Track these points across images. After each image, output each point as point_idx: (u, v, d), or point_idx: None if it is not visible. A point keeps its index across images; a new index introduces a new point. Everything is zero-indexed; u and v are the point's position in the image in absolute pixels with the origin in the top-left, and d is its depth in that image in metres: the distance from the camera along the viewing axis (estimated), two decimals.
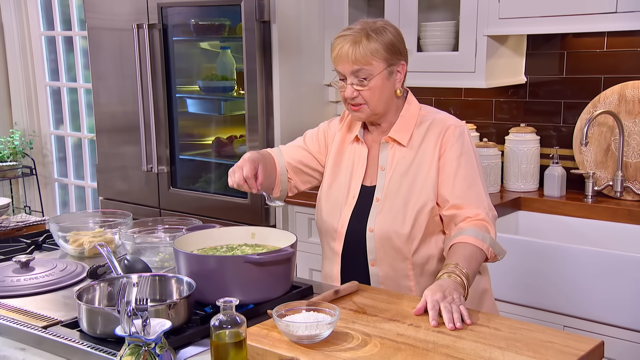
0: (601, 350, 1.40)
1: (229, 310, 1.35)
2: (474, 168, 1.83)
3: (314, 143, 2.02)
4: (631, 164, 2.74)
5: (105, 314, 1.47)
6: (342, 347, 1.40)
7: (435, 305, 1.55)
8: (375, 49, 1.78)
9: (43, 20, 4.63)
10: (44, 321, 1.60)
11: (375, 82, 1.80)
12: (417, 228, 1.81)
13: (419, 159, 1.84)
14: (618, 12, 2.47)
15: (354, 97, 1.82)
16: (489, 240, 1.75)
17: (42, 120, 4.77)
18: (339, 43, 1.81)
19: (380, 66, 1.79)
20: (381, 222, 1.83)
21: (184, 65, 3.55)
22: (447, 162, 1.82)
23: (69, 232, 2.14)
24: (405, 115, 1.88)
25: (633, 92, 2.73)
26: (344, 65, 1.80)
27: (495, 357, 1.35)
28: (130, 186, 3.70)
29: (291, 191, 2.04)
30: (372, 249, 1.84)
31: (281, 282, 1.69)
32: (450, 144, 1.82)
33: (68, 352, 1.48)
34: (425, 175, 1.82)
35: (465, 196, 1.80)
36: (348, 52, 1.78)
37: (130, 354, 1.28)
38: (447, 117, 1.89)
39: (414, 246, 1.82)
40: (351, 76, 1.80)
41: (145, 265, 1.83)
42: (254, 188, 1.78)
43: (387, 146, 1.89)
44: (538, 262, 2.48)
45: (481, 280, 1.90)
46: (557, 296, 2.47)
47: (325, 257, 1.98)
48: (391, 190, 1.84)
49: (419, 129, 1.86)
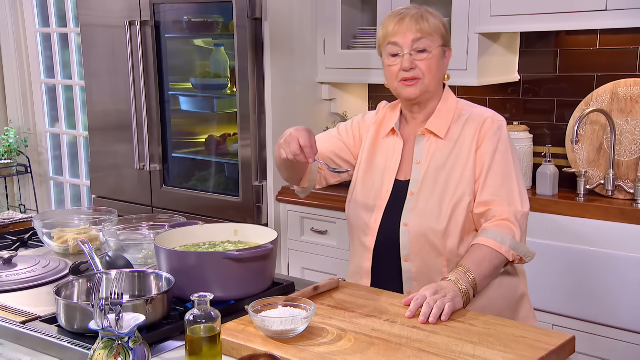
0: (572, 345, 1.41)
1: (203, 305, 1.36)
2: (509, 164, 1.78)
3: (349, 135, 1.98)
4: (623, 163, 2.73)
5: (82, 309, 1.48)
6: (316, 342, 1.40)
7: (420, 299, 1.54)
8: (437, 25, 1.79)
9: (38, 16, 4.63)
10: (23, 316, 1.60)
11: (434, 54, 1.78)
12: (454, 224, 1.77)
13: (456, 151, 1.80)
14: (608, 9, 2.46)
15: (412, 67, 1.78)
16: (509, 242, 1.70)
17: (37, 117, 4.77)
18: (397, 16, 1.80)
19: (438, 41, 1.79)
20: (415, 217, 1.79)
21: (177, 63, 3.54)
22: (481, 157, 1.79)
23: (54, 229, 2.13)
24: (443, 107, 1.85)
25: (625, 90, 2.72)
26: (404, 35, 1.77)
27: (466, 352, 1.36)
28: (123, 184, 3.69)
29: (319, 183, 1.99)
30: (406, 244, 1.79)
31: (261, 278, 1.68)
32: (487, 138, 1.79)
33: (45, 346, 1.48)
34: (462, 169, 1.79)
35: (496, 193, 1.75)
36: (411, 22, 1.77)
37: (104, 347, 1.28)
38: (485, 111, 1.86)
39: (449, 242, 1.77)
40: (409, 48, 1.77)
41: (126, 262, 1.82)
42: (310, 157, 1.73)
43: (422, 138, 1.85)
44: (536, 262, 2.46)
45: (519, 285, 1.85)
46: (557, 296, 2.46)
47: (355, 252, 1.92)
48: (426, 184, 1.80)
49: (456, 121, 1.84)
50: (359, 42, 3.22)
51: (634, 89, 2.70)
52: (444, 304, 1.53)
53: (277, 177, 3.20)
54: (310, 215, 3.11)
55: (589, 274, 2.40)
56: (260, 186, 3.17)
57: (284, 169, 1.94)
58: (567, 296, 2.43)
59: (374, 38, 3.14)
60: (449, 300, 1.55)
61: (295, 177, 1.95)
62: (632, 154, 2.71)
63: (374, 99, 3.51)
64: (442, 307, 1.53)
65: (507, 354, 1.34)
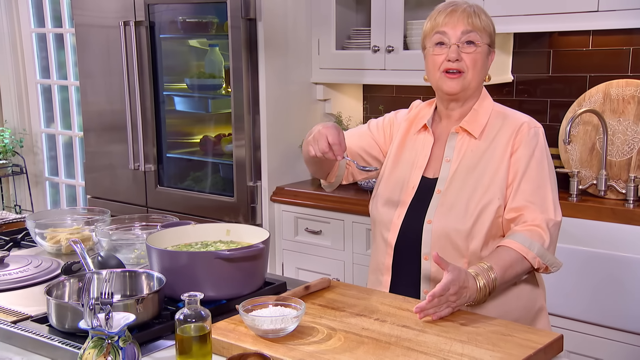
0: (560, 344, 1.42)
1: (193, 304, 1.36)
2: (544, 171, 1.74)
3: (380, 132, 1.94)
4: (615, 163, 2.74)
5: (73, 309, 1.48)
6: (306, 341, 1.40)
7: (433, 300, 1.51)
8: (487, 24, 1.78)
9: (33, 17, 4.63)
10: (14, 316, 1.60)
11: (482, 50, 1.76)
12: (479, 226, 1.71)
13: (490, 153, 1.76)
14: (600, 10, 2.47)
15: (457, 59, 1.74)
16: (537, 249, 1.66)
17: (33, 118, 4.77)
18: (448, 7, 1.77)
19: (486, 39, 1.77)
20: (440, 216, 1.74)
21: (172, 63, 3.55)
22: (516, 162, 1.73)
23: (46, 229, 2.14)
24: (479, 108, 1.81)
25: (617, 91, 2.73)
26: (455, 26, 1.74)
27: (454, 350, 1.36)
28: (118, 185, 3.70)
29: (346, 179, 1.97)
30: (428, 242, 1.74)
31: (253, 278, 1.68)
32: (523, 144, 1.74)
33: (36, 346, 1.49)
34: (494, 171, 1.74)
35: (530, 199, 1.70)
36: (462, 15, 1.74)
37: (94, 347, 1.29)
38: (522, 116, 1.81)
39: (473, 244, 1.72)
40: (457, 39, 1.74)
41: (119, 262, 1.82)
42: (339, 155, 1.70)
43: (455, 137, 1.80)
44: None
45: (538, 298, 1.80)
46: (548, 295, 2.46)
47: (377, 248, 1.87)
48: (455, 183, 1.76)
49: (492, 123, 1.79)
50: (354, 43, 3.23)
51: (626, 89, 2.71)
52: (455, 307, 1.52)
53: (271, 178, 3.20)
54: (304, 216, 3.11)
55: (581, 274, 2.41)
56: (255, 186, 3.18)
57: (311, 165, 1.92)
58: (558, 295, 2.44)
59: (369, 39, 3.15)
60: (461, 304, 1.53)
61: (322, 172, 1.93)
62: (624, 155, 2.72)
63: (368, 100, 3.52)
64: (451, 310, 1.52)
65: (495, 352, 1.35)
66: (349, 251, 2.98)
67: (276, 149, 3.20)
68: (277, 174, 3.23)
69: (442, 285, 1.52)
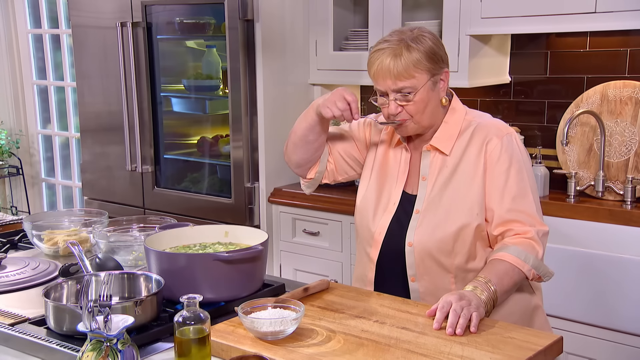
0: (560, 346, 1.42)
1: (192, 306, 1.36)
2: (524, 181, 1.72)
3: (360, 132, 1.93)
4: (613, 164, 2.74)
5: (71, 311, 1.47)
6: (306, 343, 1.40)
7: (445, 307, 1.49)
8: (418, 60, 1.68)
9: (30, 17, 4.62)
10: (12, 319, 1.60)
11: (420, 95, 1.70)
12: (460, 243, 1.71)
13: (462, 168, 1.74)
14: (597, 12, 2.47)
15: (398, 112, 1.72)
16: (532, 261, 1.65)
17: (29, 119, 4.75)
18: (378, 57, 1.70)
19: (424, 78, 1.69)
20: (421, 237, 1.73)
21: (169, 64, 3.54)
22: (495, 176, 1.71)
23: (44, 230, 2.13)
24: (449, 121, 1.78)
25: (615, 92, 2.73)
26: (385, 81, 1.70)
27: (454, 352, 1.36)
28: (115, 186, 3.69)
29: (327, 178, 1.96)
30: (412, 264, 1.74)
31: (251, 280, 1.68)
32: (497, 158, 1.72)
33: (34, 349, 1.48)
34: (467, 187, 1.73)
35: (515, 213, 1.69)
36: (389, 66, 1.68)
37: (92, 349, 1.28)
38: (491, 124, 1.78)
39: (457, 260, 1.72)
40: (393, 92, 1.71)
41: (116, 264, 1.82)
42: (356, 114, 1.72)
43: (428, 155, 1.79)
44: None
45: (533, 297, 1.80)
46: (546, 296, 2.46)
47: (360, 261, 1.88)
48: (432, 202, 1.74)
49: (462, 136, 1.76)
50: (351, 44, 3.23)
51: (623, 91, 2.71)
52: (471, 313, 1.47)
53: (269, 179, 3.20)
54: (302, 217, 3.11)
55: (578, 275, 2.41)
56: (253, 188, 3.17)
57: (302, 146, 1.90)
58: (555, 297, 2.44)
59: (366, 40, 3.15)
60: (474, 309, 1.49)
61: (310, 158, 1.91)
62: (621, 156, 2.73)
63: (366, 101, 3.52)
64: (468, 316, 1.47)
65: (495, 354, 1.35)
66: (347, 252, 2.98)
67: (274, 150, 3.19)
68: (274, 175, 3.22)
69: (442, 302, 1.52)
